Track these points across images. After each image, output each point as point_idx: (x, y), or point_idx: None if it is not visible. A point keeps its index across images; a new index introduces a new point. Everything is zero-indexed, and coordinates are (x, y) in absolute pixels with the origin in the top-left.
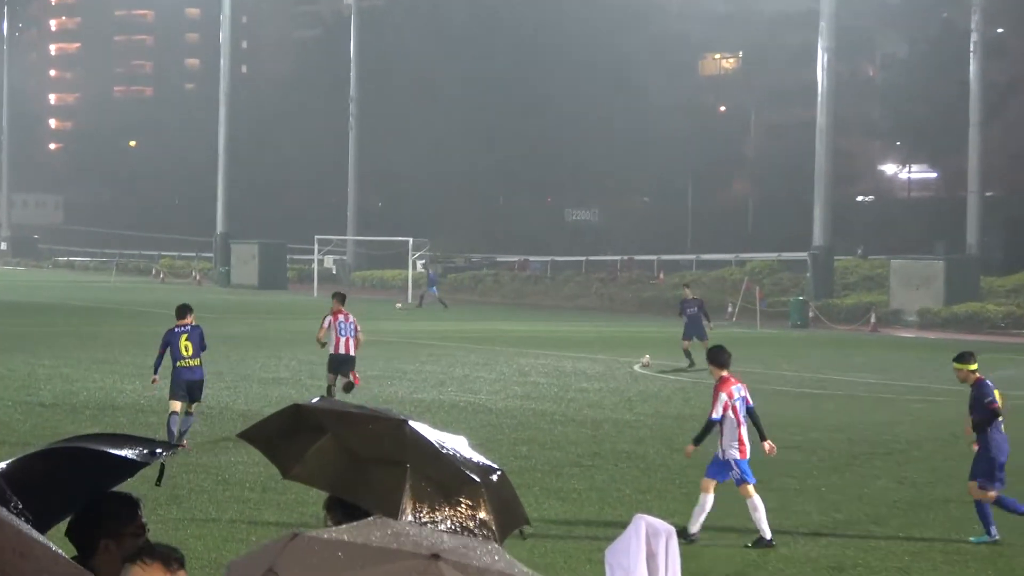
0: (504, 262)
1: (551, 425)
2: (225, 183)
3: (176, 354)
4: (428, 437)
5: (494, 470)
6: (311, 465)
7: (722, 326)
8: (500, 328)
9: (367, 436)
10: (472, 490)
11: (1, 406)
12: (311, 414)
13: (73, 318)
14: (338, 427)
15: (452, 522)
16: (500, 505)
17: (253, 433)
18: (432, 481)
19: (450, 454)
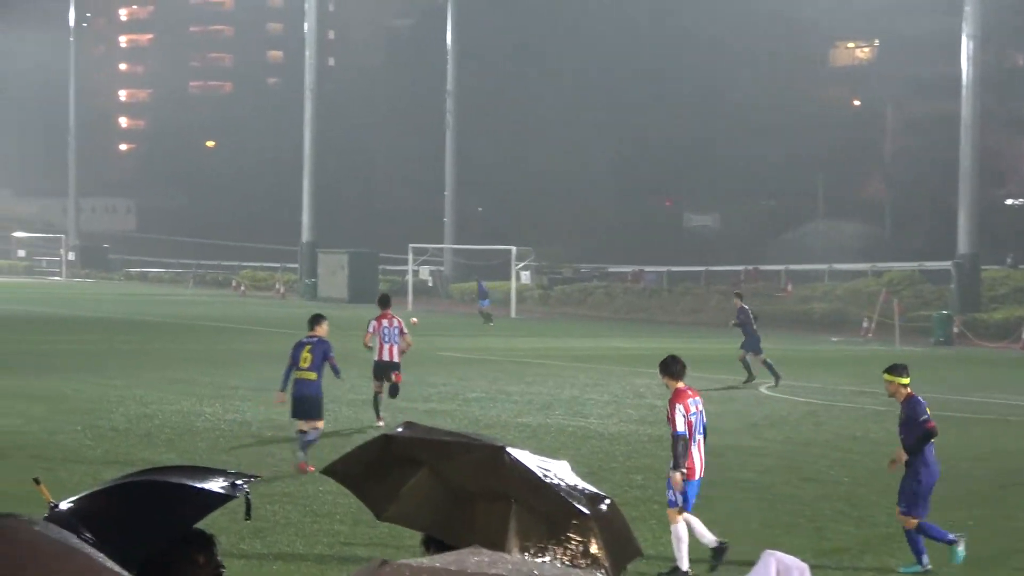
0: (616, 273)
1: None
2: (311, 187)
3: (296, 366)
4: (529, 465)
5: (603, 499)
6: (407, 504)
7: (857, 343)
8: (612, 345)
9: (465, 468)
10: (582, 523)
11: (70, 431)
12: (403, 445)
13: (146, 335)
14: (433, 459)
15: (562, 559)
16: (612, 538)
17: (340, 469)
18: (538, 515)
19: (555, 483)
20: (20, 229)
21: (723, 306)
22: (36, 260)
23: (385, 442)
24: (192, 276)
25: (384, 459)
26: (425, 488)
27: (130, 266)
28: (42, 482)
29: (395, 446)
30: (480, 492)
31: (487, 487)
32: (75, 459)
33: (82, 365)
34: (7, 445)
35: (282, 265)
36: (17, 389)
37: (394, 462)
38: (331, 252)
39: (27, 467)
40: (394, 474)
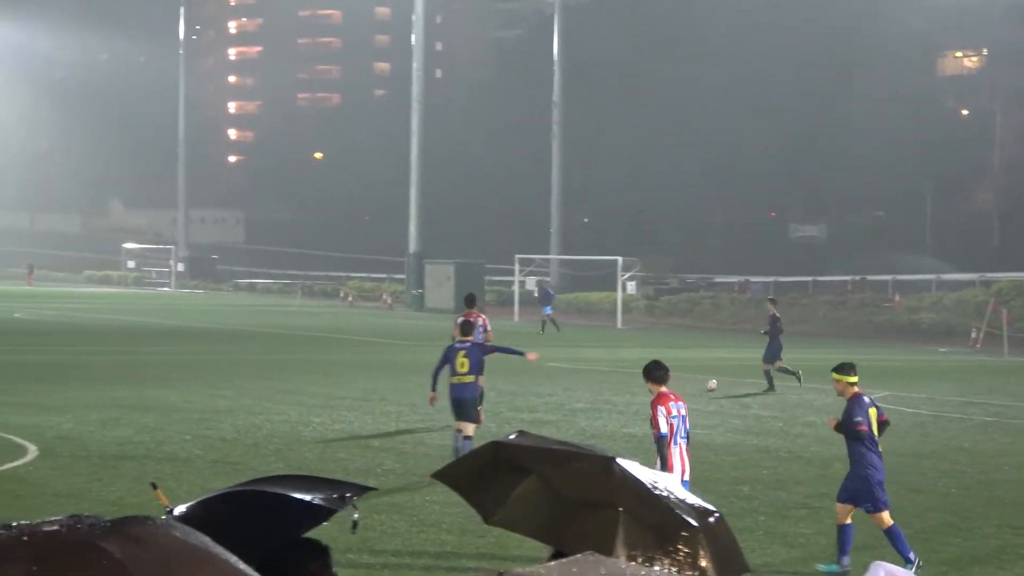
0: (722, 283)
1: (775, 463)
2: (418, 198)
3: (451, 370)
4: (639, 476)
5: (711, 512)
6: (515, 510)
7: (965, 353)
8: (718, 356)
9: (574, 476)
10: (690, 535)
11: (179, 440)
12: (511, 452)
13: (255, 345)
14: (542, 467)
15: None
16: (720, 551)
17: (449, 473)
18: (646, 526)
19: (664, 495)
20: (130, 240)
21: (831, 316)
22: (145, 271)
23: (495, 449)
24: (300, 287)
25: (493, 465)
26: (534, 494)
27: (238, 277)
28: (159, 487)
29: (504, 453)
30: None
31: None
32: (184, 469)
33: (191, 376)
34: (118, 455)
35: (389, 276)
36: (128, 400)
37: (503, 468)
38: (438, 263)
39: (138, 477)
40: (503, 480)
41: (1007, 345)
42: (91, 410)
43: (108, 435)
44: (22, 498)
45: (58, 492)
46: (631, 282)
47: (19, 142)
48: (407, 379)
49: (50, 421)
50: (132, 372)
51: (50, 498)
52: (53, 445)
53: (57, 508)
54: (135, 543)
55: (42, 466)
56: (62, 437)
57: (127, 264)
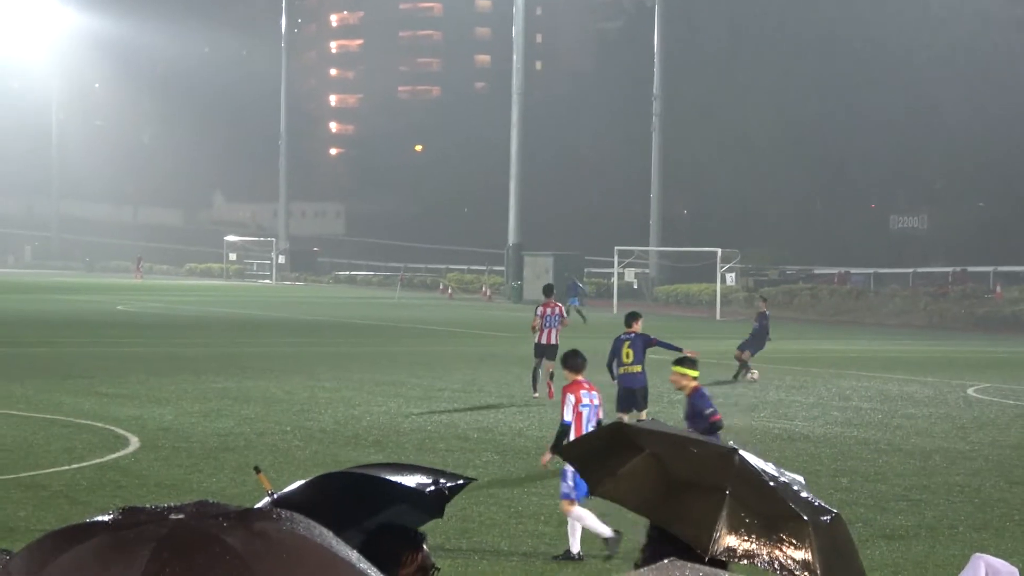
0: (822, 275)
1: (875, 455)
2: (518, 190)
3: (618, 361)
4: (757, 467)
5: (828, 511)
6: (623, 483)
7: None
8: (818, 347)
9: (689, 459)
10: (797, 527)
11: (279, 431)
12: (633, 432)
13: (355, 337)
14: (658, 446)
15: (770, 558)
16: (831, 551)
17: (570, 449)
18: (753, 512)
19: (779, 488)
20: (232, 233)
21: (931, 308)
22: (247, 263)
23: (617, 428)
24: (400, 279)
25: (611, 442)
26: (642, 470)
27: (339, 269)
28: (262, 471)
29: (625, 432)
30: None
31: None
32: (284, 460)
33: (292, 367)
34: (219, 446)
35: (488, 268)
36: (228, 391)
37: (619, 445)
38: (536, 255)
39: (238, 467)
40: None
41: None
42: (192, 402)
43: (209, 426)
44: (125, 488)
45: (160, 483)
46: (730, 273)
47: (123, 136)
48: (507, 371)
49: (152, 413)
50: (233, 364)
51: (152, 489)
52: (155, 436)
53: (159, 499)
54: (259, 538)
55: (144, 457)
56: (164, 428)
57: (229, 257)
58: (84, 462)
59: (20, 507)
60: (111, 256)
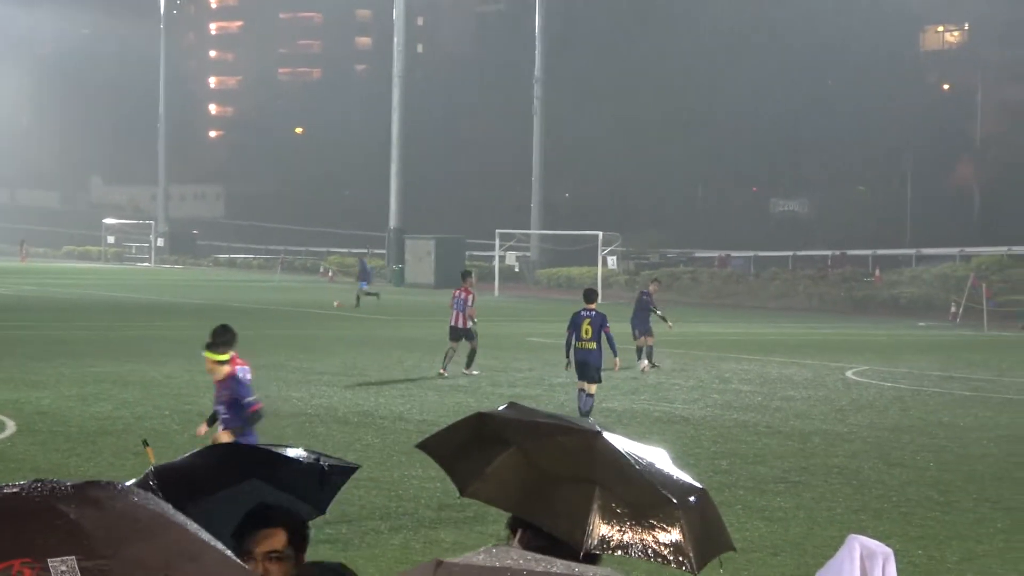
0: (703, 258)
1: (754, 437)
2: (399, 173)
3: (577, 336)
4: (623, 451)
5: (695, 490)
6: (492, 482)
7: (945, 327)
8: (698, 330)
9: (555, 451)
10: (667, 512)
11: (157, 415)
12: (495, 424)
13: (235, 321)
14: (524, 440)
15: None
16: (699, 529)
17: (432, 444)
18: (623, 502)
19: (645, 471)
20: (110, 216)
21: (811, 291)
22: (126, 246)
23: (479, 420)
24: (280, 262)
25: (475, 437)
26: (511, 468)
27: (218, 252)
28: (150, 444)
29: (488, 425)
30: (566, 475)
31: (574, 471)
32: (163, 443)
33: (171, 351)
34: (97, 430)
35: (369, 251)
36: (108, 375)
37: (484, 440)
38: (418, 238)
39: (117, 451)
40: (482, 452)
41: (987, 319)
42: (70, 385)
43: (87, 410)
44: (0, 474)
45: (37, 467)
46: (611, 257)
47: (0, 117)
48: (387, 354)
49: (29, 396)
50: (112, 347)
51: (29, 473)
52: (32, 420)
53: None
54: (93, 506)
55: (21, 441)
56: (41, 412)
57: (107, 240)
58: None
59: None
60: None
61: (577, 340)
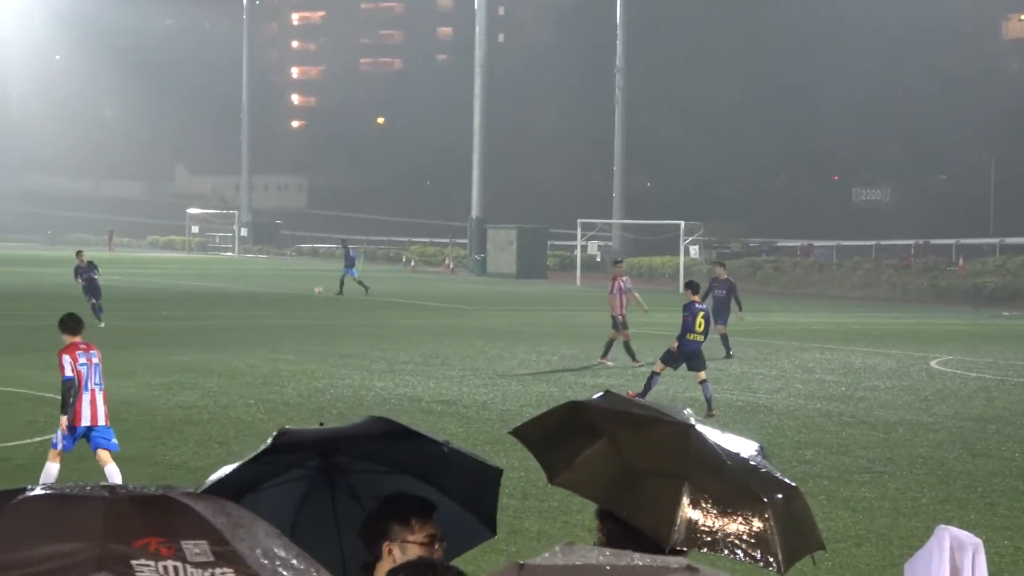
0: (785, 247)
1: (838, 427)
2: (481, 163)
3: (690, 328)
4: (714, 445)
5: (785, 487)
6: (580, 472)
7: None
8: (781, 320)
9: (646, 443)
10: (756, 510)
11: (243, 405)
12: (589, 413)
13: (318, 311)
14: (616, 431)
15: (731, 545)
16: (788, 528)
17: (525, 431)
18: (712, 498)
19: (736, 467)
20: (194, 206)
21: (894, 281)
22: (209, 236)
23: (572, 408)
24: (362, 252)
25: (567, 426)
26: (600, 458)
27: (301, 242)
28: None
29: (581, 413)
30: (656, 469)
31: (664, 465)
32: (248, 433)
33: (255, 340)
34: (182, 419)
35: (452, 240)
36: (192, 364)
37: (576, 430)
38: (500, 228)
39: (202, 440)
40: (574, 441)
41: None
42: (155, 375)
43: (172, 399)
44: (86, 461)
45: (123, 455)
46: (693, 246)
47: (85, 109)
48: (470, 344)
49: (115, 386)
50: (196, 337)
51: (115, 462)
52: (118, 410)
53: (122, 471)
54: (201, 500)
55: None
56: (126, 401)
57: (191, 229)
58: (46, 435)
59: None
60: (72, 229)
61: (691, 332)
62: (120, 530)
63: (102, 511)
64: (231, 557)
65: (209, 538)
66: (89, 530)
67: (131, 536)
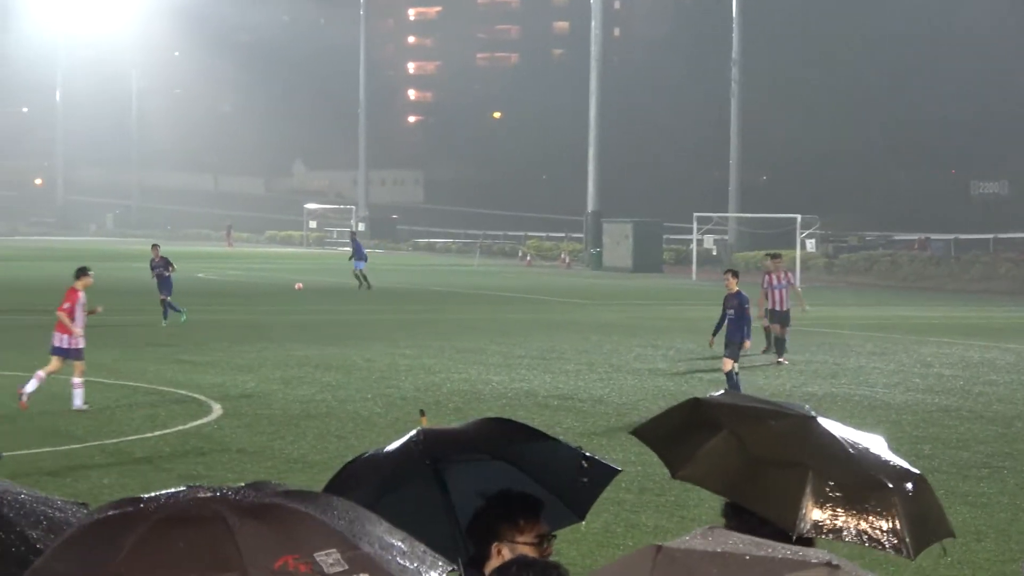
0: (902, 241)
1: (957, 422)
2: (596, 157)
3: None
4: (837, 436)
5: (912, 476)
6: (703, 465)
7: None
8: (898, 314)
9: (767, 434)
10: (882, 496)
11: (360, 399)
12: (709, 409)
13: (434, 305)
14: (736, 424)
15: (858, 531)
16: (916, 515)
17: (646, 430)
18: (837, 486)
19: (860, 456)
20: (312, 201)
21: (1013, 275)
22: (327, 231)
23: (693, 405)
24: (479, 246)
25: (688, 421)
26: (722, 451)
27: (418, 237)
28: (425, 414)
29: (701, 409)
30: (778, 459)
31: (786, 455)
32: (366, 427)
33: (373, 335)
34: (300, 413)
35: (567, 235)
36: (310, 358)
37: (697, 425)
38: (615, 222)
39: (320, 434)
40: (695, 436)
41: None
42: (274, 369)
43: (291, 393)
44: (207, 455)
45: (242, 449)
46: (810, 240)
47: (203, 105)
48: (586, 338)
49: (234, 380)
50: (314, 331)
51: (234, 455)
52: (237, 403)
53: (241, 465)
54: (311, 502)
55: (226, 424)
56: (246, 395)
57: (309, 224)
58: (167, 429)
59: (104, 474)
60: (191, 224)
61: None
62: (255, 553)
63: (230, 533)
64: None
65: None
66: (226, 557)
67: (268, 559)
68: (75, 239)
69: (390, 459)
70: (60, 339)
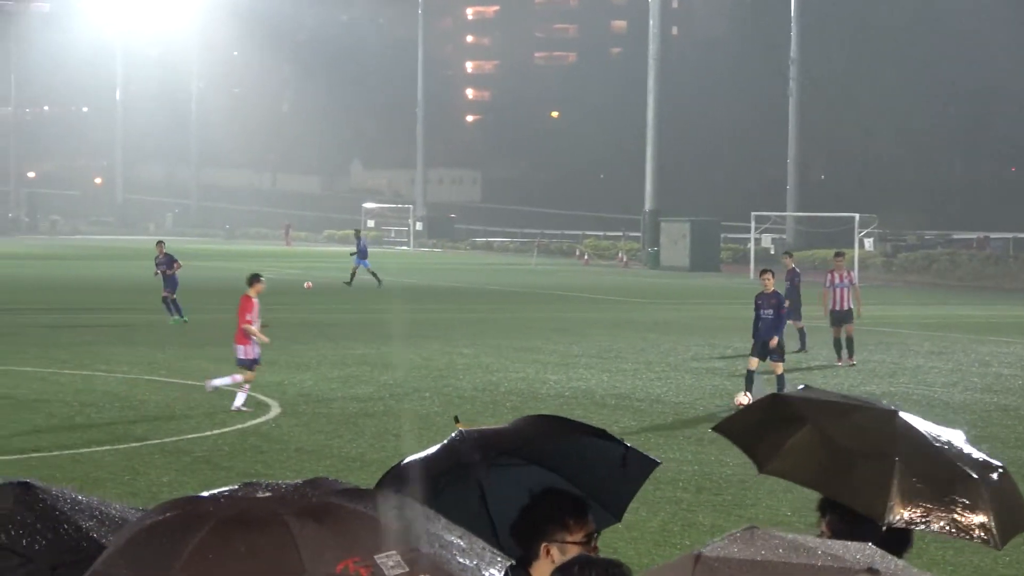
0: (961, 239)
1: (1015, 421)
2: (654, 155)
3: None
4: (920, 429)
5: (995, 467)
6: (789, 458)
7: None
8: (957, 313)
9: (852, 428)
10: (969, 487)
11: (418, 397)
12: (791, 405)
13: (492, 304)
14: (820, 418)
15: (947, 522)
16: (1002, 505)
17: (728, 427)
18: (924, 477)
19: (945, 448)
20: (370, 200)
21: None
22: (385, 230)
23: (773, 401)
24: (536, 245)
25: (770, 417)
26: (807, 444)
27: (475, 236)
28: (460, 420)
29: (783, 405)
30: (864, 450)
31: (872, 446)
32: (424, 425)
33: (430, 333)
34: (358, 412)
35: (625, 234)
36: (368, 357)
37: (779, 420)
38: (673, 220)
39: (378, 433)
40: (778, 431)
41: None
42: (332, 368)
43: (349, 392)
44: (266, 454)
45: (300, 448)
46: (868, 239)
47: (262, 104)
48: (643, 337)
49: (292, 379)
50: (371, 330)
51: (292, 454)
52: (295, 402)
53: (299, 464)
54: (368, 501)
55: (285, 423)
56: (304, 394)
57: (367, 223)
58: (226, 427)
59: (163, 472)
60: (250, 223)
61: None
62: (316, 558)
63: (290, 536)
64: (423, 562)
65: (396, 546)
66: (287, 561)
67: (329, 563)
68: (135, 238)
69: (428, 463)
70: (245, 351)
